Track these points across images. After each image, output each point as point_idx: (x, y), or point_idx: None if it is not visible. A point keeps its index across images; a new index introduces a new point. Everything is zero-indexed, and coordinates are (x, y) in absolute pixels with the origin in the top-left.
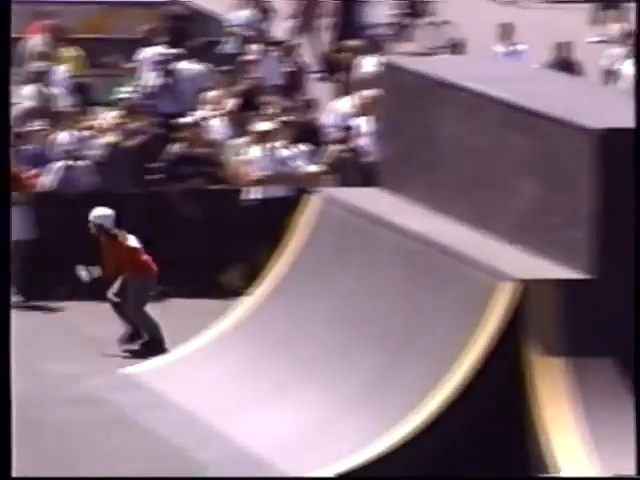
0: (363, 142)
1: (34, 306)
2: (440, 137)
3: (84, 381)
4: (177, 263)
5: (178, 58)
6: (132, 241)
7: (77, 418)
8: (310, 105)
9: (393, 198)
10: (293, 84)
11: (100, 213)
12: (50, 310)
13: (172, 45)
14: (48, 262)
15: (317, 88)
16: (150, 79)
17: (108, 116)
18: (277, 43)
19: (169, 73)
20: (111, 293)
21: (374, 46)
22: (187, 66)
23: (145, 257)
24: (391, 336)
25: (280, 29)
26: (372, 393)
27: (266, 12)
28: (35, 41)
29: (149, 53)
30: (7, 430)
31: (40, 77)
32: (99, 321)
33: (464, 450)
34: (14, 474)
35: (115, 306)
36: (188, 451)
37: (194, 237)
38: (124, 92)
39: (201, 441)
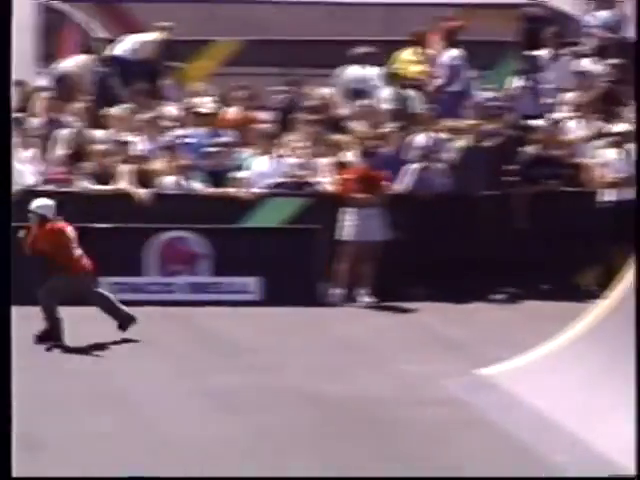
0: None
1: (389, 307)
2: None
3: (439, 381)
4: (530, 265)
5: (536, 61)
6: (71, 233)
7: (432, 418)
8: None
9: None
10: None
11: (42, 204)
12: (405, 311)
13: (527, 47)
14: (404, 263)
15: None
16: (513, 81)
17: (465, 118)
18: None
19: (531, 75)
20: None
21: None
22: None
23: (80, 253)
24: None
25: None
26: None
27: (622, 12)
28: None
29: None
30: (7, 430)
31: (400, 80)
32: (454, 322)
33: None
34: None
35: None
36: (544, 453)
37: (547, 238)
38: (484, 95)
39: (556, 444)
